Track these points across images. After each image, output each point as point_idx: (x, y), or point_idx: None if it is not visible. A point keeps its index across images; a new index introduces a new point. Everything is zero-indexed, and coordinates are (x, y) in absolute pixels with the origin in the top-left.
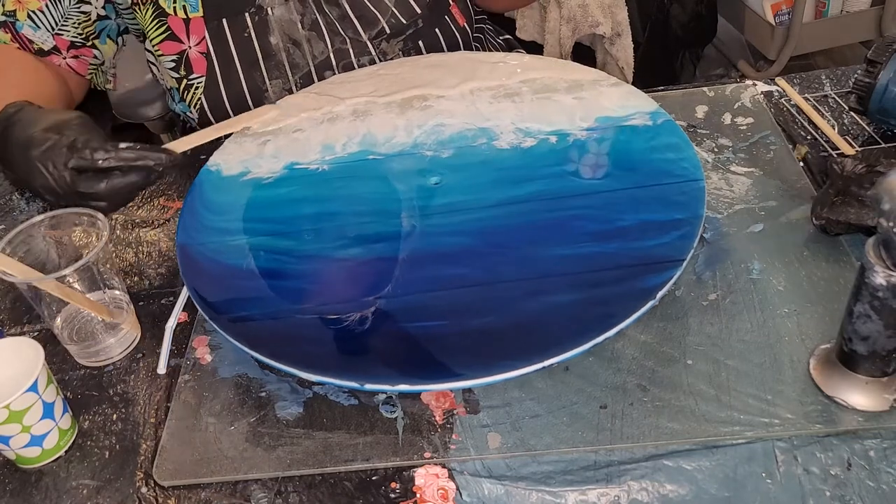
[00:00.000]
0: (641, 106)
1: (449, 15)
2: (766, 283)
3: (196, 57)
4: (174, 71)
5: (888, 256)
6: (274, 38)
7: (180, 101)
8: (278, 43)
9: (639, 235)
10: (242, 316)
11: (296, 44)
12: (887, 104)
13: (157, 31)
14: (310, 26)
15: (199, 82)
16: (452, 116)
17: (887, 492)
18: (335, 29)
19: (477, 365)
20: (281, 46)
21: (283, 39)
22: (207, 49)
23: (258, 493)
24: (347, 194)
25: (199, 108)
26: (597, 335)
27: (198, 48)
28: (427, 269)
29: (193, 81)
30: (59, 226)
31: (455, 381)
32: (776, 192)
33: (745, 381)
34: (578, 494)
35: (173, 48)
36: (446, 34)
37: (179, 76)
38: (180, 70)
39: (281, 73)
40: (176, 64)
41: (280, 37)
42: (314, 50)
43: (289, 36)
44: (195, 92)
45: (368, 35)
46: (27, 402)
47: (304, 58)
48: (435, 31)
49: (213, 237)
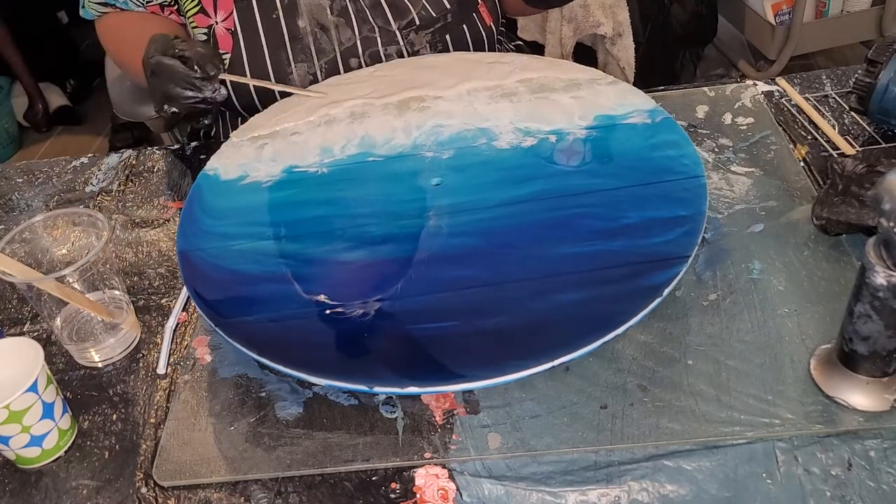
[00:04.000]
0: (639, 104)
1: (477, 13)
2: (766, 283)
3: (222, 33)
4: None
5: (889, 256)
6: (302, 22)
7: None
8: (306, 27)
9: (644, 233)
10: (247, 320)
11: (323, 29)
12: (888, 104)
13: (192, 3)
14: (339, 12)
15: (224, 59)
16: (451, 117)
17: (888, 492)
18: (364, 17)
19: (486, 366)
20: (308, 30)
21: (311, 23)
22: (234, 26)
23: (258, 493)
24: (348, 197)
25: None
26: (607, 333)
27: (224, 24)
28: (432, 271)
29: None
30: (59, 226)
31: (465, 383)
32: (776, 192)
33: (746, 381)
34: (579, 495)
35: (204, 21)
36: (473, 31)
37: None
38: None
39: (307, 56)
40: (206, 38)
41: (308, 20)
42: (341, 36)
43: (317, 20)
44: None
45: (398, 25)
46: (27, 403)
47: (330, 43)
48: (462, 27)
49: (213, 242)
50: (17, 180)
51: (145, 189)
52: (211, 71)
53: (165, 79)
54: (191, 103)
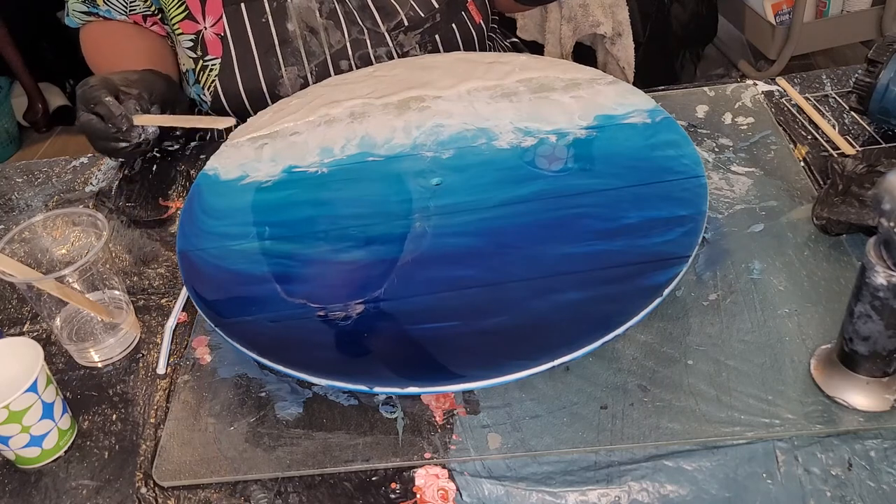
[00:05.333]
0: (639, 104)
1: (466, 11)
2: (766, 283)
3: (212, 38)
4: (192, 51)
5: (889, 256)
6: (291, 25)
7: (195, 84)
8: (295, 30)
9: (645, 232)
10: (247, 321)
11: (313, 32)
12: (888, 104)
13: (178, 10)
14: (327, 15)
15: (213, 64)
16: (451, 117)
17: (888, 492)
18: (353, 19)
19: (486, 366)
20: (298, 34)
21: (300, 26)
22: (224, 31)
23: (258, 493)
24: (349, 196)
25: (213, 92)
26: (607, 333)
27: (213, 29)
28: (433, 271)
29: (209, 63)
30: (59, 226)
31: (465, 383)
32: (777, 192)
33: (746, 381)
34: (579, 495)
35: (191, 27)
36: (462, 30)
37: (196, 56)
38: (197, 51)
39: (297, 60)
40: (193, 44)
41: (297, 24)
42: (331, 39)
43: (306, 23)
44: (210, 74)
45: (387, 26)
46: (26, 403)
47: (320, 46)
48: (451, 26)
49: (213, 242)
50: (16, 180)
51: (145, 189)
52: (123, 125)
53: (92, 137)
54: (128, 152)
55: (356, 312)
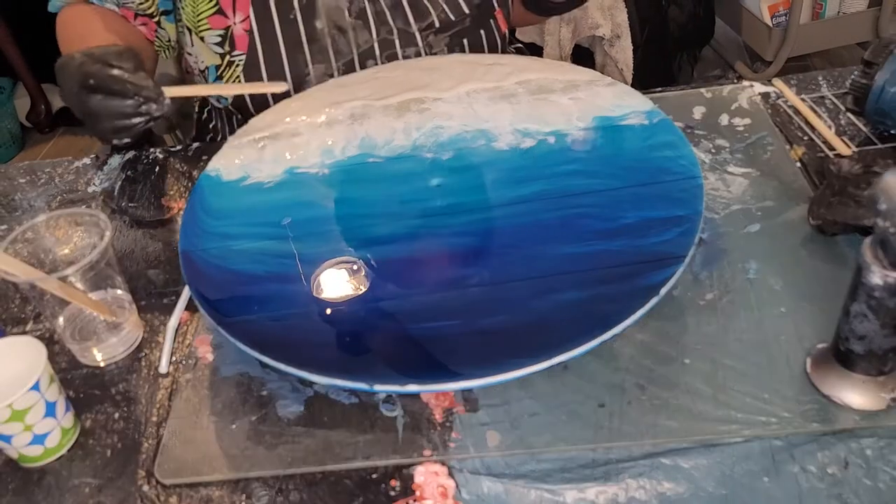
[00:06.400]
0: (637, 105)
1: (494, 19)
2: (763, 282)
3: (240, 34)
4: (219, 46)
5: (885, 256)
6: (320, 23)
7: (216, 80)
8: (324, 28)
9: (643, 232)
10: (248, 320)
11: (341, 30)
12: (884, 105)
13: (208, 5)
14: (356, 14)
15: (240, 59)
16: (450, 119)
17: (884, 490)
18: (384, 18)
19: (486, 365)
20: (326, 32)
21: (328, 25)
22: (251, 27)
23: (259, 490)
24: (350, 197)
25: None
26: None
27: (242, 25)
28: (434, 270)
29: (235, 58)
30: (62, 226)
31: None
32: (773, 192)
33: (743, 380)
34: (577, 492)
35: (221, 23)
36: (489, 37)
37: (223, 52)
38: (224, 46)
39: (324, 58)
40: (221, 39)
41: (326, 22)
42: (359, 38)
43: (334, 22)
44: (235, 69)
45: (418, 26)
46: (29, 401)
47: (348, 45)
48: (479, 31)
49: (214, 242)
50: (19, 181)
51: (147, 189)
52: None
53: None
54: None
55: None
